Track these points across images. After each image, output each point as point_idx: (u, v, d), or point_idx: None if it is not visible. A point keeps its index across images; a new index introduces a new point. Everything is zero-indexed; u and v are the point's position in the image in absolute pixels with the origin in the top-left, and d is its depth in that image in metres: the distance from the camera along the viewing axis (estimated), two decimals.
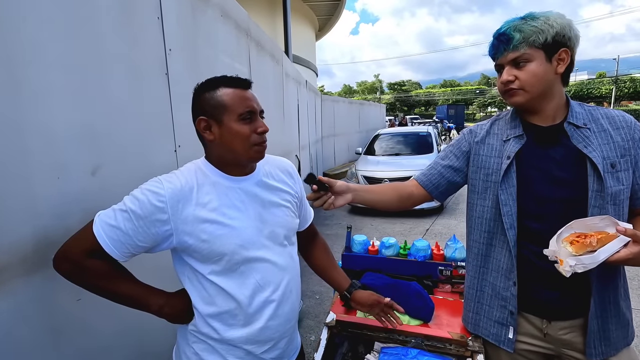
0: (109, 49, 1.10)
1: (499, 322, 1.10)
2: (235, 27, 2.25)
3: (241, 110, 0.86)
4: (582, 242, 0.84)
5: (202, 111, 0.87)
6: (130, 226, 0.80)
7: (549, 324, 1.04)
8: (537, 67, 0.95)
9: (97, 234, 0.80)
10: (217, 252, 0.86)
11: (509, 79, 0.99)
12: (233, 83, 0.88)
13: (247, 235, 0.89)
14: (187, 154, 1.51)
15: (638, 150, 0.97)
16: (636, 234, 0.82)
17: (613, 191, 0.95)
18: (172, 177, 0.87)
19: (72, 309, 0.97)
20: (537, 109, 1.02)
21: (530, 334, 1.08)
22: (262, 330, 0.92)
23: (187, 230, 0.84)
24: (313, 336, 2.58)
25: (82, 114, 1.00)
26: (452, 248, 1.60)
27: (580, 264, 0.82)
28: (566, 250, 0.85)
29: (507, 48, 0.97)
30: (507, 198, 1.03)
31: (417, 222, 5.46)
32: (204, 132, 0.88)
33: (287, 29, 8.05)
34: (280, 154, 3.51)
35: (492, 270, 1.11)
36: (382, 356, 1.17)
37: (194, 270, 0.89)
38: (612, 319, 1.00)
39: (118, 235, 0.80)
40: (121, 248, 0.81)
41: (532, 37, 0.94)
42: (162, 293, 0.92)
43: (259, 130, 0.88)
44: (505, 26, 0.98)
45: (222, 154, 0.90)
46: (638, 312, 2.82)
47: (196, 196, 0.86)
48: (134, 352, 1.23)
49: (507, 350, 1.09)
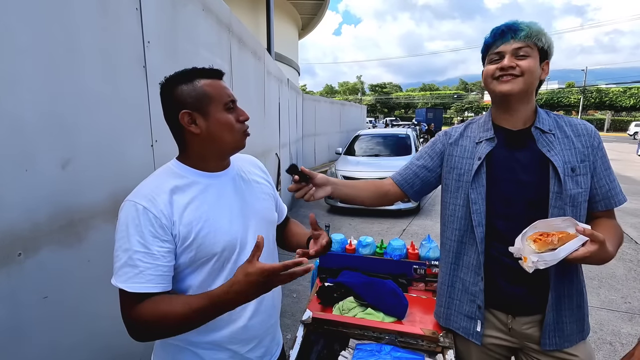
0: (83, 38, 1.07)
1: (468, 316, 1.15)
2: (217, 22, 2.22)
3: (225, 99, 0.85)
4: (544, 240, 0.88)
5: (184, 104, 0.82)
6: (150, 259, 0.75)
7: (514, 319, 1.10)
8: (534, 63, 1.01)
9: (133, 290, 0.73)
10: (205, 252, 0.82)
11: (511, 64, 1.00)
12: (209, 74, 0.86)
13: (234, 231, 0.87)
14: (164, 149, 1.48)
15: (596, 157, 1.04)
16: (593, 233, 0.86)
17: (572, 193, 1.00)
18: (140, 191, 0.80)
19: (38, 307, 0.93)
20: (516, 107, 1.06)
21: (496, 328, 1.13)
22: (245, 328, 0.89)
23: (175, 235, 0.79)
24: (289, 334, 2.59)
25: (52, 104, 0.96)
26: (427, 247, 1.65)
27: (542, 260, 0.87)
28: (530, 248, 0.90)
29: (515, 36, 1.00)
30: (477, 197, 1.08)
31: (395, 222, 5.56)
32: (189, 125, 0.83)
33: (269, 26, 7.99)
34: (260, 151, 3.50)
35: (463, 267, 1.15)
36: (357, 352, 1.20)
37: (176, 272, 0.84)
38: (566, 311, 1.06)
39: (151, 274, 0.75)
40: (160, 280, 0.76)
41: (537, 35, 1.00)
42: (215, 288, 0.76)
43: (241, 118, 0.88)
44: (513, 21, 1.03)
45: (206, 147, 0.86)
46: (599, 309, 2.99)
47: (172, 198, 0.81)
48: (104, 352, 1.20)
49: (476, 343, 1.13)
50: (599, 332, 2.67)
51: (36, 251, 0.92)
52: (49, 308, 0.96)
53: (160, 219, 0.77)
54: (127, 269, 0.74)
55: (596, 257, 0.88)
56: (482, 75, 1.10)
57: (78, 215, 1.06)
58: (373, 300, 1.39)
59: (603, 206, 1.05)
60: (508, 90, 1.02)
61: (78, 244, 1.06)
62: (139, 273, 0.74)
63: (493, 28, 1.06)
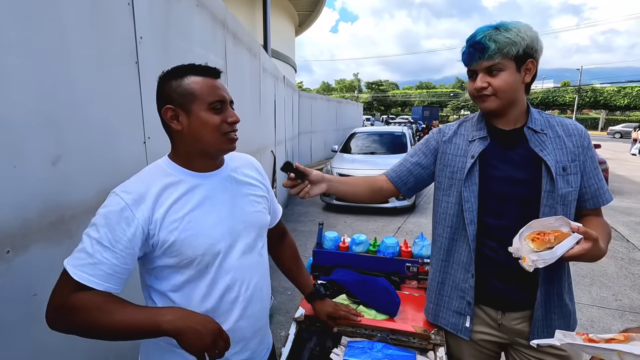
0: (74, 33, 1.06)
1: (458, 312, 1.17)
2: (212, 17, 2.21)
3: (211, 99, 0.83)
4: (542, 239, 0.90)
5: (169, 100, 0.82)
6: (110, 255, 0.74)
7: (503, 315, 1.11)
8: (509, 76, 1.00)
9: (78, 278, 0.72)
10: (187, 255, 0.81)
11: (482, 85, 1.03)
12: (202, 71, 0.84)
13: (217, 234, 0.85)
14: (156, 146, 1.47)
15: (586, 157, 1.06)
16: (587, 231, 0.88)
17: (563, 192, 1.02)
18: (128, 186, 0.80)
19: (27, 305, 0.93)
20: (503, 114, 1.08)
21: (486, 324, 1.15)
22: (231, 331, 0.86)
23: (155, 234, 0.79)
24: (283, 332, 2.60)
25: (42, 99, 0.95)
26: (420, 245, 1.65)
27: (541, 259, 0.88)
28: (528, 247, 0.91)
29: (482, 56, 1.00)
30: (470, 195, 1.09)
31: (390, 220, 5.58)
32: (171, 121, 0.83)
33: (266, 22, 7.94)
34: (256, 149, 3.49)
35: (454, 264, 1.17)
36: (349, 350, 1.20)
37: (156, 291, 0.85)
38: (555, 309, 1.08)
39: (103, 269, 0.73)
40: (111, 280, 0.75)
41: (506, 48, 0.98)
42: (162, 308, 0.80)
43: (229, 120, 0.85)
44: (480, 35, 1.01)
45: (190, 145, 0.85)
46: (590, 307, 3.03)
47: (161, 197, 0.80)
48: (95, 352, 1.20)
49: (464, 339, 1.15)
50: (590, 329, 2.70)
51: (25, 248, 0.91)
52: (39, 306, 0.95)
53: (138, 220, 0.77)
54: (84, 255, 0.73)
55: (590, 254, 0.90)
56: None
57: (69, 212, 1.05)
58: (365, 298, 1.40)
59: (592, 205, 1.07)
60: (487, 108, 1.06)
61: (69, 240, 1.05)
62: (92, 264, 0.73)
63: (463, 46, 1.07)
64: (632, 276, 3.62)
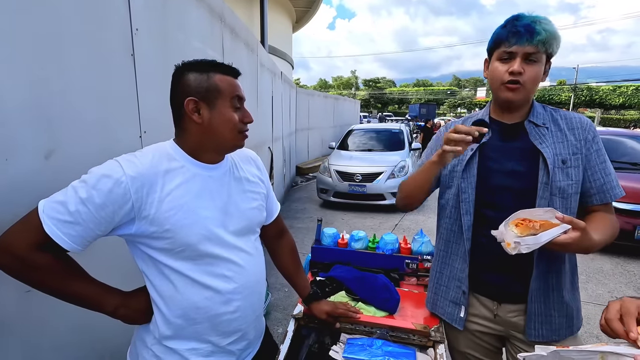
0: (67, 24, 1.03)
1: (453, 301, 1.19)
2: (209, 11, 2.18)
3: (234, 97, 0.87)
4: (526, 225, 0.90)
5: (192, 92, 0.83)
6: (90, 218, 0.73)
7: (499, 306, 1.12)
8: (540, 69, 1.00)
9: (50, 232, 0.71)
10: (181, 242, 0.82)
11: (520, 70, 0.98)
12: (226, 70, 0.88)
13: (214, 226, 0.86)
14: (153, 140, 1.43)
15: (590, 150, 1.04)
16: (573, 220, 0.86)
17: (561, 185, 1.01)
18: (133, 159, 0.79)
19: (20, 302, 0.90)
20: (519, 107, 1.07)
21: (482, 316, 1.16)
22: (228, 322, 0.90)
23: (150, 217, 0.78)
24: (281, 329, 2.59)
25: (35, 91, 0.93)
26: (419, 242, 1.64)
27: (525, 244, 0.88)
28: (512, 233, 0.91)
29: (530, 40, 0.96)
30: (467, 186, 1.11)
31: (387, 217, 5.58)
32: (192, 113, 0.83)
33: (263, 18, 7.88)
34: (253, 145, 3.46)
35: (452, 254, 1.19)
36: (348, 347, 1.19)
37: (156, 262, 0.84)
38: (555, 305, 1.07)
39: (77, 230, 0.72)
40: (81, 242, 0.75)
41: (552, 41, 0.97)
42: (118, 292, 0.86)
43: (245, 120, 0.90)
44: (529, 19, 0.97)
45: (204, 138, 0.86)
46: (586, 304, 3.05)
47: (162, 181, 0.80)
48: (92, 348, 1.18)
49: (458, 328, 1.17)
50: (586, 325, 2.71)
51: None
52: (32, 303, 0.93)
53: (132, 196, 0.76)
54: (63, 210, 0.72)
55: (579, 245, 0.87)
56: (489, 72, 1.07)
57: None
58: (365, 294, 1.39)
59: (598, 200, 1.04)
60: (512, 98, 1.03)
61: None
62: (69, 222, 0.72)
63: (508, 21, 1.02)
64: (628, 273, 3.65)
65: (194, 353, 0.89)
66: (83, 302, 0.81)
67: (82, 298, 0.81)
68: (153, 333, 0.88)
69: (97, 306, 0.82)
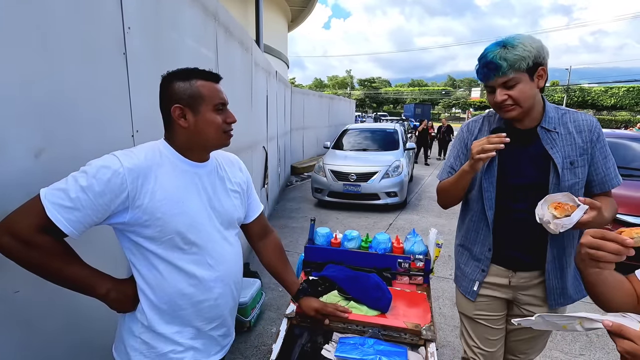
0: (58, 22, 1.02)
1: (470, 278, 1.38)
2: (203, 10, 2.17)
3: (216, 101, 0.94)
4: (563, 207, 1.05)
5: (177, 99, 0.91)
6: (89, 205, 0.79)
7: (514, 274, 1.30)
8: (525, 86, 1.11)
9: (52, 216, 0.76)
10: (170, 230, 0.89)
11: (503, 98, 1.13)
12: (207, 76, 0.95)
13: (200, 217, 0.95)
14: (145, 139, 1.42)
15: (595, 150, 1.19)
16: (592, 202, 1.02)
17: (569, 184, 1.17)
18: (129, 153, 0.87)
19: (9, 302, 0.90)
20: (524, 118, 1.20)
21: (496, 284, 1.33)
22: (210, 308, 0.98)
23: (143, 206, 0.85)
24: (274, 328, 2.58)
25: (24, 90, 0.92)
26: (411, 241, 1.66)
27: (563, 224, 1.03)
28: (551, 214, 1.06)
29: (497, 74, 1.11)
30: (489, 185, 1.27)
31: (381, 216, 5.60)
32: (179, 119, 0.92)
33: (258, 17, 7.85)
34: (247, 144, 3.46)
35: (473, 239, 1.36)
36: (340, 346, 1.20)
37: (144, 250, 0.90)
38: (568, 269, 1.24)
39: (77, 216, 0.79)
40: (79, 227, 0.80)
41: (516, 64, 1.08)
42: (109, 277, 0.92)
43: (228, 121, 0.98)
44: (491, 54, 1.11)
45: (191, 139, 0.95)
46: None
47: (155, 174, 0.88)
48: (82, 348, 1.17)
49: (470, 299, 1.38)
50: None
51: None
52: (21, 303, 0.93)
53: (128, 187, 0.83)
54: (64, 196, 0.78)
55: (597, 221, 1.03)
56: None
57: None
58: (357, 294, 1.40)
59: (599, 189, 1.22)
60: (511, 117, 1.18)
61: None
62: (70, 208, 0.78)
63: (477, 65, 1.18)
64: None
65: (180, 336, 0.96)
66: (78, 284, 0.86)
67: (77, 281, 0.85)
68: (141, 321, 0.94)
69: (91, 289, 0.87)
